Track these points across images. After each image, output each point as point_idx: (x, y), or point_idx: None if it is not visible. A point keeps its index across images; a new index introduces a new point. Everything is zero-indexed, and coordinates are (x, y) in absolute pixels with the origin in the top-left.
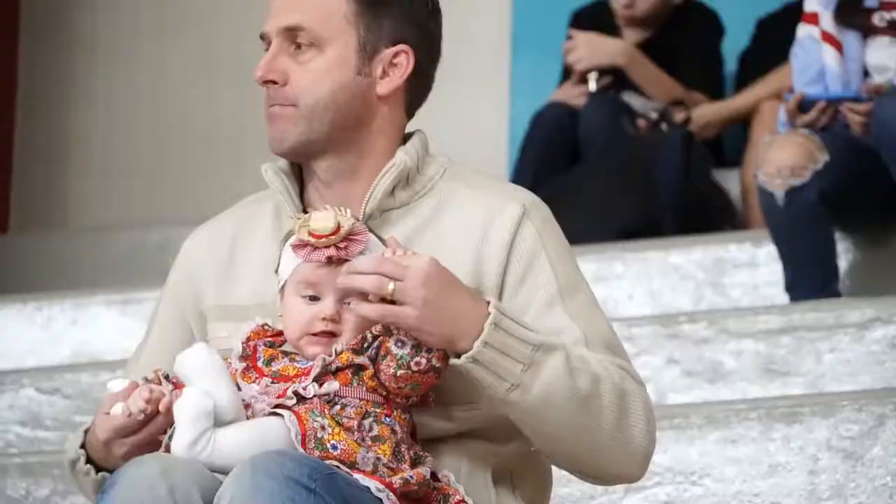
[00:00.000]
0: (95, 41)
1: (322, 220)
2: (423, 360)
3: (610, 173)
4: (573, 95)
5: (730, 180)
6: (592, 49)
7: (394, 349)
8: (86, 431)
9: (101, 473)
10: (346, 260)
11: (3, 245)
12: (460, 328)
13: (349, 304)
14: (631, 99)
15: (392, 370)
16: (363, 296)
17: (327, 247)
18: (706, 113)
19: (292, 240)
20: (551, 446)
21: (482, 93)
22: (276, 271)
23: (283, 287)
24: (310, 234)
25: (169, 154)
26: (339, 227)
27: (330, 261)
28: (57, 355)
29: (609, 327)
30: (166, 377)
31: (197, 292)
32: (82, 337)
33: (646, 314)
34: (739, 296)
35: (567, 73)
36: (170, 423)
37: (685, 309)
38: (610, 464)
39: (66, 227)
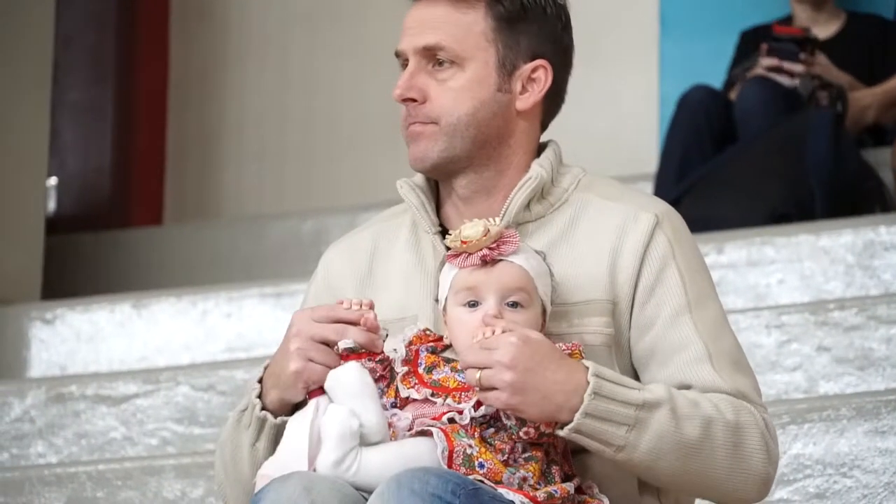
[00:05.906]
0: (246, 30)
1: (472, 227)
2: (532, 430)
3: (758, 156)
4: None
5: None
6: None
7: (504, 420)
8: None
9: (264, 413)
10: (501, 260)
11: (158, 236)
12: (557, 403)
13: (513, 304)
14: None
15: (511, 433)
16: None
17: (479, 249)
18: (864, 97)
19: (447, 252)
20: (668, 485)
21: (631, 73)
22: (436, 299)
23: (444, 306)
24: (462, 242)
25: (321, 143)
26: (488, 231)
27: (484, 262)
28: (211, 349)
29: (736, 343)
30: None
31: None
32: (237, 330)
33: (796, 299)
34: (891, 279)
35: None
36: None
37: (836, 293)
38: (729, 493)
39: (219, 217)
